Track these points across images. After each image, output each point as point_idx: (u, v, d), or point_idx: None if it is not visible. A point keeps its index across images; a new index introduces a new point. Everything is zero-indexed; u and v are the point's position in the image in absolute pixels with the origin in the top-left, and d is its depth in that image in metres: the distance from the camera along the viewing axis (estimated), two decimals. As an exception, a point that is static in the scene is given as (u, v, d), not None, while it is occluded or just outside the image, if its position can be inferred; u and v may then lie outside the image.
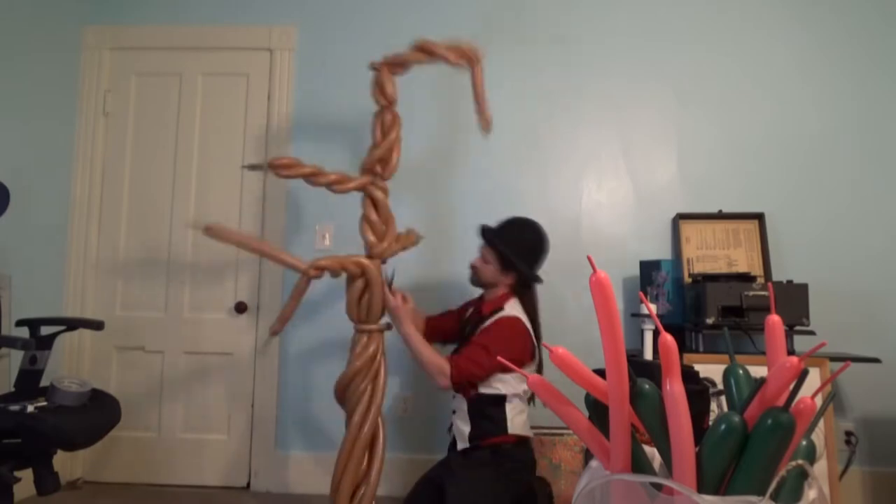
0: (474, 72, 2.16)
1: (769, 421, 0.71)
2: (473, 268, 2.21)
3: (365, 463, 2.08)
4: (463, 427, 2.07)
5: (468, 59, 2.15)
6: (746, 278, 2.48)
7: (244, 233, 2.13)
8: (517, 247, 2.14)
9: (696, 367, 1.86)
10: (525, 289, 2.18)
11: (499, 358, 0.97)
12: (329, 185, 2.12)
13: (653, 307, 2.48)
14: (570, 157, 2.88)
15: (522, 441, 2.09)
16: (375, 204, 2.18)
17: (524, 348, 2.07)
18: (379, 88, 2.17)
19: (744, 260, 2.73)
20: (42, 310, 2.44)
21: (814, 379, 2.20)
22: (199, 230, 2.06)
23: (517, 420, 2.06)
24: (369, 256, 2.15)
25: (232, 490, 2.78)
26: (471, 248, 2.23)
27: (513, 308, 2.12)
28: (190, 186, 2.93)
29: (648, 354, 2.29)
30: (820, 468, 2.20)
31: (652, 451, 0.84)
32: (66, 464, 2.73)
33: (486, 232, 2.19)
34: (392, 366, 2.78)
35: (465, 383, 2.03)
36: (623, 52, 2.89)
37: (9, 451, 1.81)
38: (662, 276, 2.59)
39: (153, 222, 2.93)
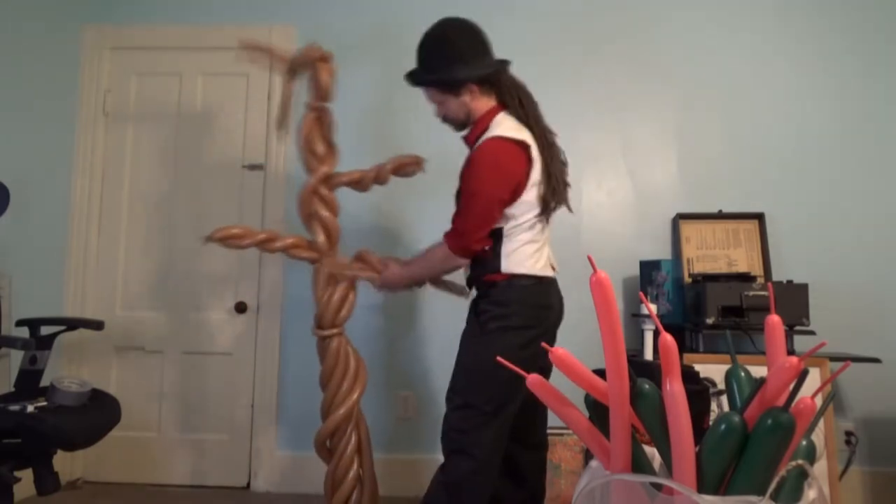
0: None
1: (769, 421, 0.71)
2: (444, 119, 1.89)
3: (356, 467, 2.08)
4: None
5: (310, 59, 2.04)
6: (746, 278, 2.48)
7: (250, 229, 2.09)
8: (438, 60, 1.78)
9: (696, 367, 1.86)
10: (492, 88, 1.82)
11: (498, 358, 0.96)
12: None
13: (653, 307, 2.48)
14: (570, 157, 2.87)
15: (517, 278, 1.75)
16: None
17: (516, 171, 1.72)
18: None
19: (744, 260, 2.73)
20: (42, 310, 2.44)
21: (814, 379, 2.20)
22: (207, 241, 2.02)
23: (516, 255, 1.75)
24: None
25: (232, 490, 2.78)
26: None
27: (496, 126, 1.76)
28: (190, 186, 2.93)
29: (648, 354, 2.29)
30: (820, 468, 2.20)
31: (652, 451, 0.84)
32: (66, 464, 2.73)
33: (411, 78, 1.88)
34: (392, 365, 2.79)
35: (476, 244, 1.74)
36: (623, 51, 2.89)
37: (9, 451, 1.81)
38: (662, 276, 2.59)
39: (153, 222, 2.93)
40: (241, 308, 2.85)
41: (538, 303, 1.80)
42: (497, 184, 1.72)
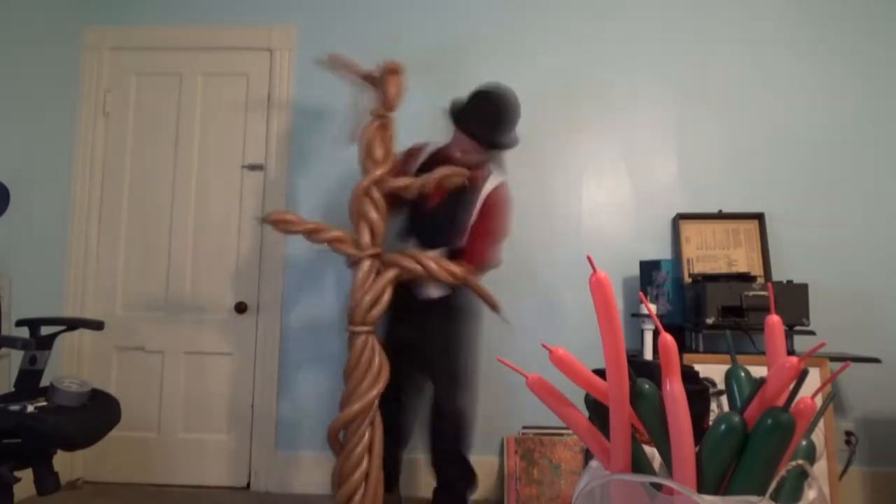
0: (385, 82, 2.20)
1: (769, 421, 0.71)
2: (451, 159, 2.18)
3: (364, 465, 2.09)
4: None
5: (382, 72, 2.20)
6: (746, 278, 2.48)
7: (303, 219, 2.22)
8: (499, 130, 2.17)
9: (696, 367, 1.86)
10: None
11: (499, 359, 0.96)
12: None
13: (653, 307, 2.48)
14: (570, 158, 2.88)
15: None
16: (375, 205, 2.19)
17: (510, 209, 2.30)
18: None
19: (744, 260, 2.73)
20: (42, 310, 2.44)
21: (814, 379, 2.20)
22: (262, 222, 2.24)
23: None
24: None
25: (232, 490, 2.78)
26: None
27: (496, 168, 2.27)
28: (190, 186, 2.93)
29: (648, 354, 2.29)
30: (820, 468, 2.20)
31: (652, 451, 0.84)
32: (66, 464, 2.73)
33: (495, 144, 2.20)
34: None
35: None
36: (623, 51, 2.89)
37: (9, 451, 1.80)
38: (662, 276, 2.59)
39: (153, 222, 2.93)
40: (241, 308, 2.85)
41: None
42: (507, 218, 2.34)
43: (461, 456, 2.38)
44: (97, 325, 2.23)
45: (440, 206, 2.25)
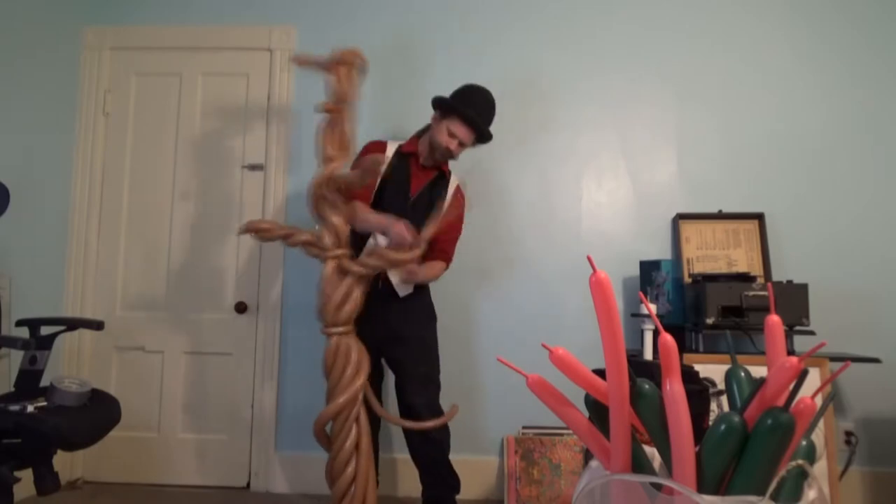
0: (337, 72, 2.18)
1: (769, 421, 0.71)
2: (448, 150, 2.25)
3: (354, 460, 2.09)
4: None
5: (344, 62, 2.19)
6: (746, 278, 2.48)
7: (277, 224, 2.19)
8: (489, 122, 2.28)
9: (696, 367, 1.86)
10: None
11: (499, 358, 0.96)
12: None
13: (653, 307, 2.49)
14: (570, 157, 2.88)
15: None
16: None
17: None
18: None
19: (744, 260, 2.73)
20: (42, 310, 2.44)
21: (814, 379, 2.20)
22: (240, 233, 2.18)
23: None
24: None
25: (232, 490, 2.78)
26: (473, 248, 2.23)
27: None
28: (190, 186, 2.93)
29: (648, 354, 2.29)
30: (820, 468, 2.20)
31: (652, 451, 0.84)
32: (66, 464, 2.73)
33: (484, 134, 2.28)
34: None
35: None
36: (623, 51, 2.89)
37: (9, 451, 1.80)
38: (662, 276, 2.59)
39: (153, 222, 2.93)
40: (241, 308, 2.85)
41: None
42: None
43: (445, 462, 2.33)
44: (97, 325, 2.23)
45: (419, 197, 2.30)
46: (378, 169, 2.21)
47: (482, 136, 2.28)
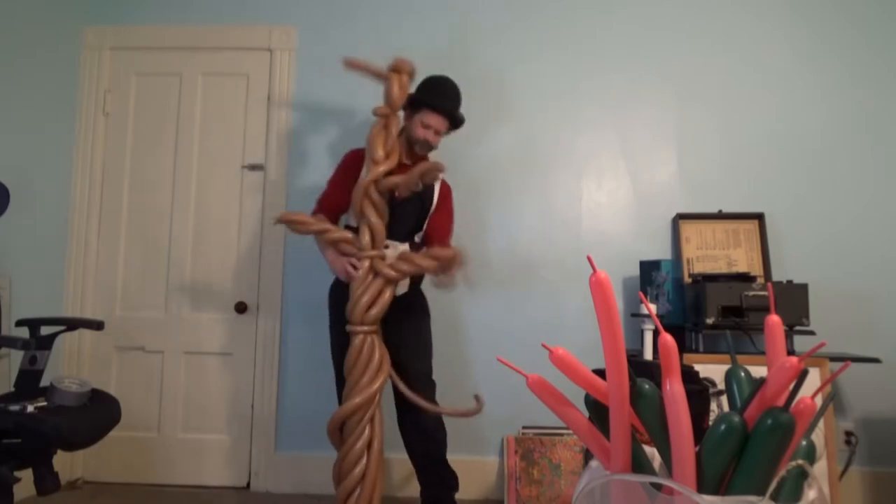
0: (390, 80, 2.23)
1: (769, 421, 0.71)
2: (427, 141, 2.28)
3: (364, 460, 2.09)
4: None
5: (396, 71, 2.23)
6: (746, 278, 2.48)
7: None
8: (457, 106, 2.32)
9: (696, 367, 1.86)
10: None
11: (499, 358, 0.96)
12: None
13: (653, 307, 2.48)
14: (570, 157, 2.88)
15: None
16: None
17: None
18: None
19: (744, 260, 2.73)
20: (42, 310, 2.44)
21: (814, 379, 2.20)
22: (276, 223, 2.25)
23: None
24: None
25: (232, 490, 2.78)
26: (473, 249, 2.23)
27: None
28: (190, 186, 2.93)
29: (648, 354, 2.29)
30: (820, 468, 2.20)
31: (652, 451, 0.84)
32: (66, 464, 2.73)
33: (457, 119, 2.31)
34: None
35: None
36: (623, 51, 2.89)
37: (9, 451, 1.80)
38: (662, 276, 2.59)
39: (153, 222, 2.93)
40: (241, 308, 2.85)
41: None
42: None
43: (443, 461, 2.34)
44: (97, 325, 2.23)
45: (407, 197, 2.31)
46: (432, 182, 2.28)
47: (454, 120, 2.31)
